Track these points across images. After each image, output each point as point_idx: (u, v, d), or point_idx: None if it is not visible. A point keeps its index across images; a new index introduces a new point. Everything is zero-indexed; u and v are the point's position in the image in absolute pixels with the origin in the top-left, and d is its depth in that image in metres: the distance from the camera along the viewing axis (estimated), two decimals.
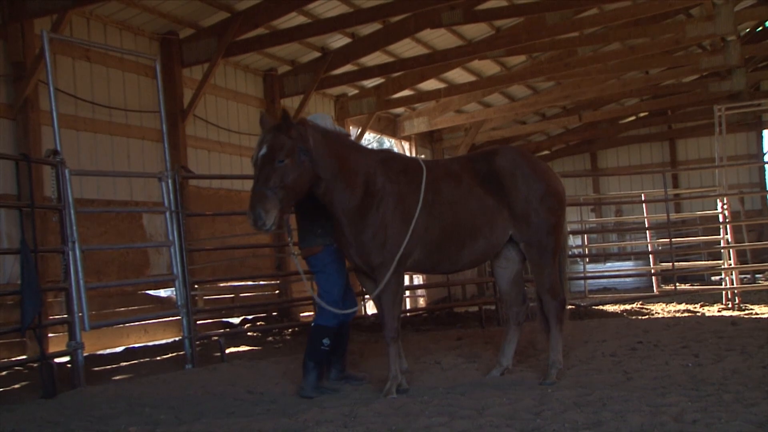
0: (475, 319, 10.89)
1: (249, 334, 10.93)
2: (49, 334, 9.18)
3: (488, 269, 10.73)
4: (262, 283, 13.92)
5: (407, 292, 17.15)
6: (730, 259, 13.42)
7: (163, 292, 11.92)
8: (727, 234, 13.44)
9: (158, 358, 9.06)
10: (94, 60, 10.97)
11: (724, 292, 13.01)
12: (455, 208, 5.60)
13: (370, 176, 5.39)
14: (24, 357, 8.79)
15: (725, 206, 13.33)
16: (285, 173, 5.00)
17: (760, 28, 20.53)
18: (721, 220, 13.59)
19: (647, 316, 10.82)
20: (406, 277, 17.05)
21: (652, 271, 16.35)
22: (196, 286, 11.25)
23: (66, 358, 7.16)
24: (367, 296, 12.92)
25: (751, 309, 11.63)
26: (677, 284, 14.86)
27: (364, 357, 7.48)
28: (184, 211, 8.03)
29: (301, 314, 14.07)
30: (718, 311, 11.56)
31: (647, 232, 16.36)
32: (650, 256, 16.50)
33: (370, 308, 17.31)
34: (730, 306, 12.18)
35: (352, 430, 4.45)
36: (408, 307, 17.32)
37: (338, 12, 12.86)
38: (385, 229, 5.32)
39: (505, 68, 18.64)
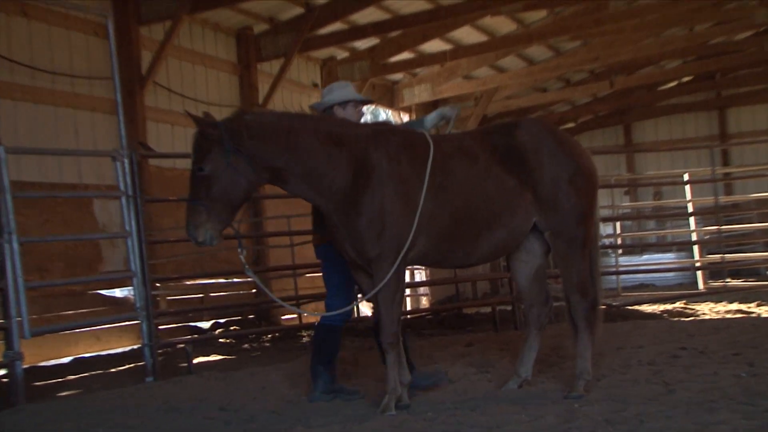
0: (488, 322, 10.89)
1: (221, 340, 10.94)
2: None
3: (503, 263, 10.72)
4: (236, 280, 13.92)
5: (408, 290, 17.17)
6: None
7: (118, 292, 11.90)
8: None
9: (113, 369, 9.07)
10: (33, 16, 10.89)
11: None
12: (469, 190, 5.59)
13: (361, 153, 5.37)
14: None
15: None
16: (208, 183, 5.09)
17: None
18: None
19: (692, 318, 10.84)
20: (407, 273, 16.99)
21: (698, 264, 16.37)
22: (157, 284, 11.22)
23: (2, 371, 7.13)
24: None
25: None
26: (728, 280, 14.88)
27: (358, 366, 7.48)
28: (144, 196, 8.02)
29: (282, 317, 14.07)
30: None
31: (692, 218, 16.36)
32: (695, 246, 16.52)
33: (365, 309, 17.31)
34: None
35: None
36: (409, 307, 17.32)
37: None
38: (383, 216, 5.30)
39: (522, 26, 18.57)
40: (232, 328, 12.54)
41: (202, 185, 5.09)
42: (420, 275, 17.44)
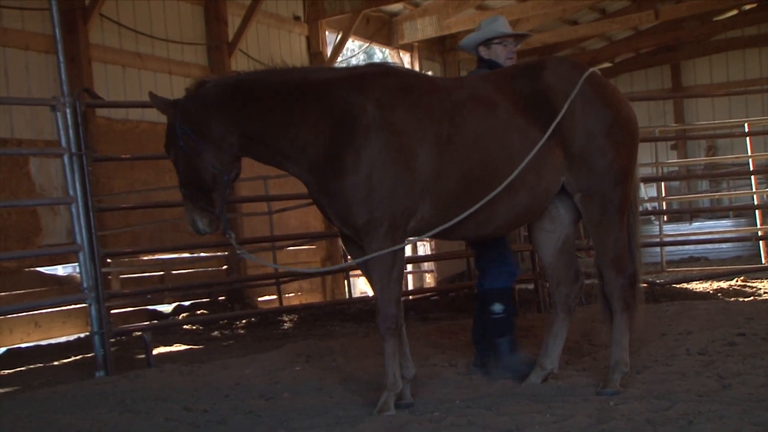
0: None
1: (185, 327, 10.97)
2: None
3: (524, 233, 10.72)
4: (203, 255, 13.94)
5: (409, 266, 17.22)
6: None
7: (61, 270, 11.92)
8: None
9: (56, 362, 9.09)
10: None
11: None
12: (485, 144, 5.60)
13: (341, 101, 5.38)
14: None
15: None
16: (177, 169, 5.59)
17: None
18: None
19: (752, 298, 10.88)
20: (409, 245, 17.00)
21: (760, 233, 16.39)
22: (109, 260, 11.25)
23: None
24: (353, 271, 13.00)
25: None
26: None
27: (348, 357, 7.52)
28: (91, 154, 7.98)
29: (260, 298, 14.10)
30: None
31: (752, 177, 16.36)
32: (756, 212, 16.52)
33: (360, 289, 17.37)
34: None
35: None
36: (411, 287, 17.39)
37: None
38: (371, 174, 5.29)
39: None
40: (198, 312, 12.57)
41: (177, 171, 5.55)
42: (424, 248, 17.47)
